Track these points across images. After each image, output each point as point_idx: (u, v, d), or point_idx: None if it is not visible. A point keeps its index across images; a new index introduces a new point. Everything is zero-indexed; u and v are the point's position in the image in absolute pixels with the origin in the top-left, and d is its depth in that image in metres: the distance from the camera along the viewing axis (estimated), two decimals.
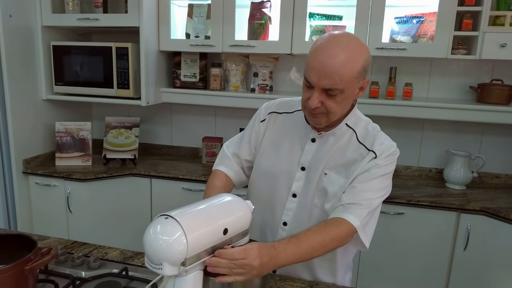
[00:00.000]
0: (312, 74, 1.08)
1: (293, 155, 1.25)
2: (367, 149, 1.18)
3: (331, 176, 1.19)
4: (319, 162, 1.21)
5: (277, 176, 1.26)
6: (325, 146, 1.22)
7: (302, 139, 1.25)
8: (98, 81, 2.52)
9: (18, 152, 2.45)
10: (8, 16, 2.31)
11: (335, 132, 1.22)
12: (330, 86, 1.06)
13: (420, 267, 2.22)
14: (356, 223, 1.11)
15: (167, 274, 0.79)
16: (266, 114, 1.35)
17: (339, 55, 1.05)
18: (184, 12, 2.60)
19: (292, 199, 1.25)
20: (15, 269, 0.96)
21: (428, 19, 2.23)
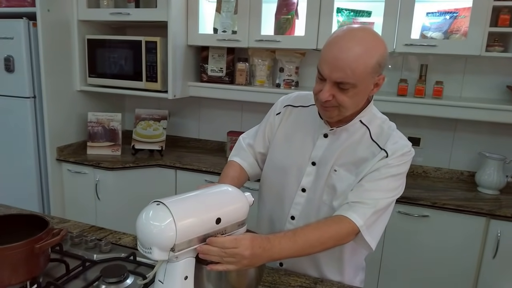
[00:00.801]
0: (324, 66, 1.07)
1: (304, 149, 1.24)
2: (380, 148, 1.15)
3: (341, 173, 1.18)
4: (329, 158, 1.20)
5: (287, 170, 1.26)
6: (337, 142, 1.20)
7: (314, 134, 1.24)
8: (128, 73, 2.61)
9: (52, 140, 2.58)
10: (47, 11, 2.43)
11: (348, 128, 1.19)
12: (342, 80, 1.05)
13: (445, 273, 2.13)
14: (359, 222, 1.08)
15: (156, 258, 0.81)
16: (282, 107, 1.35)
17: (353, 49, 1.03)
18: (213, 7, 2.63)
19: (301, 193, 1.24)
20: (26, 247, 1.01)
21: (462, 14, 2.13)
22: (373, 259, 2.21)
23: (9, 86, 2.52)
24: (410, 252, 2.16)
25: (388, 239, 2.17)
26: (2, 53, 2.48)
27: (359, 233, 1.09)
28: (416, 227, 2.12)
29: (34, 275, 1.05)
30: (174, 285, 0.85)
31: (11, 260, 0.99)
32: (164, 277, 0.86)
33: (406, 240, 2.15)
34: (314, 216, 1.22)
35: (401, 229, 2.14)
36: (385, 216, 1.17)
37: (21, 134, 2.56)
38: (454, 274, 2.12)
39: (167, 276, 0.86)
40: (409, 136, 2.48)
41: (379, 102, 2.24)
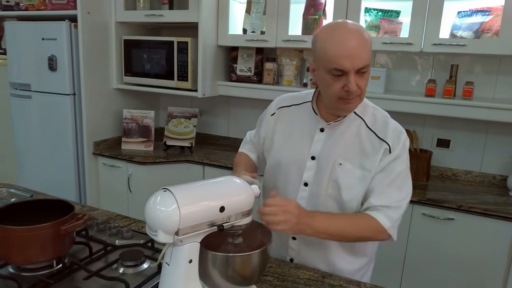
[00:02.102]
0: (343, 60, 1.09)
1: (303, 145, 1.29)
2: (379, 138, 1.21)
3: (346, 166, 1.22)
4: (330, 152, 1.24)
5: (289, 166, 1.31)
6: (334, 135, 1.25)
7: (311, 129, 1.29)
8: (161, 72, 2.72)
9: (89, 135, 2.75)
10: (87, 13, 2.59)
11: (343, 120, 1.24)
12: (363, 64, 1.11)
13: (471, 278, 2.08)
14: (386, 224, 1.17)
15: (161, 241, 0.87)
16: (276, 108, 1.40)
17: (356, 34, 1.11)
18: (243, 8, 2.69)
19: (304, 188, 1.28)
20: (53, 228, 1.11)
21: (495, 13, 2.07)
22: (396, 260, 2.19)
23: (52, 83, 2.71)
24: (434, 255, 2.12)
25: (412, 241, 2.14)
26: (46, 53, 2.66)
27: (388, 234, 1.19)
28: (441, 230, 2.08)
29: (60, 255, 1.15)
30: (179, 267, 0.91)
31: (39, 239, 1.09)
32: (170, 260, 0.92)
33: (430, 243, 2.12)
34: (318, 208, 1.26)
35: (425, 231, 2.11)
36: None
37: (61, 128, 2.74)
38: (480, 279, 2.06)
39: (173, 258, 0.92)
40: (438, 138, 2.47)
41: (406, 102, 2.25)
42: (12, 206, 1.23)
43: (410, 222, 2.13)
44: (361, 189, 1.22)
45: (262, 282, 1.17)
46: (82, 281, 1.09)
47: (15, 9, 2.90)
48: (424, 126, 2.50)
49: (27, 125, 2.90)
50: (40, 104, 2.80)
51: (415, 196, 2.09)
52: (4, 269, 1.13)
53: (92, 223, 1.44)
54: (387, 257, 2.18)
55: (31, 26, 2.72)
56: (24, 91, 2.84)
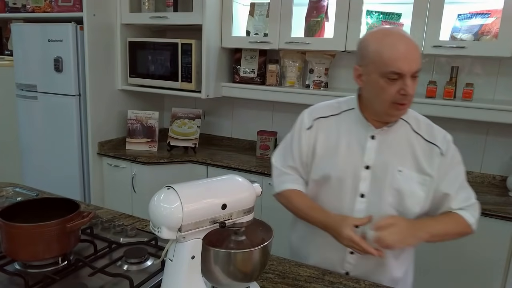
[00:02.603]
0: (401, 64, 1.10)
1: (353, 155, 1.24)
2: (427, 141, 1.22)
3: (405, 173, 1.21)
4: (386, 159, 1.22)
5: (341, 178, 1.25)
6: (386, 142, 1.23)
7: (360, 138, 1.25)
8: (165, 74, 2.76)
9: (94, 135, 2.78)
10: (93, 15, 2.63)
11: (392, 126, 1.22)
12: (418, 68, 1.13)
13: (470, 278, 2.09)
14: (472, 221, 1.23)
15: (165, 237, 0.90)
16: (311, 120, 1.33)
17: (409, 39, 1.13)
18: (246, 10, 2.73)
19: (361, 199, 1.24)
20: (59, 225, 1.14)
21: (494, 15, 2.09)
22: None
23: (58, 84, 2.75)
24: (434, 254, 2.13)
25: None
26: (52, 54, 2.70)
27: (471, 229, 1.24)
28: None
29: (65, 252, 1.18)
30: (182, 263, 0.94)
31: (46, 236, 1.12)
32: (173, 256, 0.95)
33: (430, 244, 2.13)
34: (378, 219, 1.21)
35: None
36: None
37: (66, 129, 2.78)
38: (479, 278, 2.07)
39: (176, 255, 0.94)
40: None
41: None
42: (19, 205, 1.26)
43: None
44: (423, 193, 1.22)
45: (263, 279, 1.20)
46: (87, 278, 1.11)
47: (22, 11, 2.95)
48: None
49: (33, 126, 2.94)
50: (46, 105, 2.84)
51: None
52: (11, 265, 1.16)
53: (97, 221, 1.46)
54: None
55: (37, 28, 2.77)
56: (30, 92, 2.88)
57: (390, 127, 1.22)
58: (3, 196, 1.61)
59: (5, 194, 1.63)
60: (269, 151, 2.75)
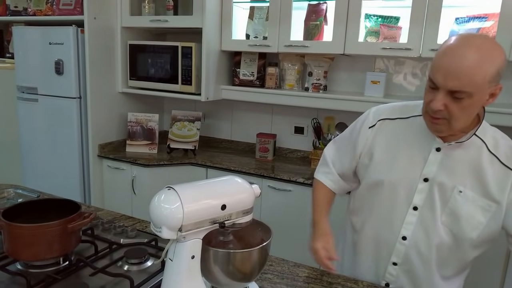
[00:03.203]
0: (438, 74, 1.02)
1: (414, 164, 1.17)
2: (504, 165, 1.10)
3: (467, 194, 1.11)
4: (447, 176, 1.14)
5: (395, 186, 1.20)
6: (453, 157, 1.14)
7: (424, 148, 1.17)
8: (165, 77, 2.77)
9: (94, 137, 2.80)
10: (93, 19, 2.65)
11: (464, 143, 1.12)
12: (458, 89, 0.99)
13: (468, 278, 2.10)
14: None
15: (165, 237, 0.91)
16: (376, 119, 1.27)
17: (470, 56, 0.98)
18: (246, 14, 2.75)
19: (413, 212, 1.18)
20: (60, 226, 1.15)
21: (491, 19, 2.11)
22: None
23: (58, 87, 2.76)
24: None
25: None
26: (53, 57, 2.72)
27: None
28: None
29: (66, 252, 1.19)
30: (182, 263, 0.95)
31: (47, 237, 1.13)
32: (173, 256, 0.96)
33: None
34: (428, 235, 1.17)
35: None
36: None
37: (67, 131, 2.79)
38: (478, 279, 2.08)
39: (176, 254, 0.95)
40: None
41: None
42: (20, 206, 1.27)
43: None
44: (484, 219, 1.11)
45: (262, 279, 1.21)
46: (88, 277, 1.12)
47: (23, 14, 2.97)
48: None
49: (34, 128, 2.96)
50: (47, 107, 2.86)
51: None
52: (13, 265, 1.17)
53: (98, 222, 1.48)
54: None
55: (38, 31, 2.78)
56: (31, 95, 2.90)
57: (458, 143, 1.12)
58: (5, 198, 1.63)
59: (7, 196, 1.64)
60: (268, 154, 2.76)
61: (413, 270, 1.22)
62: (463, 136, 1.11)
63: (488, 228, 1.12)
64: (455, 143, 1.12)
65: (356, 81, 2.62)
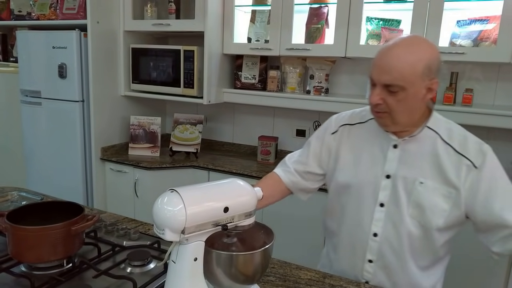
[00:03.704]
0: (373, 71, 1.12)
1: (376, 163, 1.24)
2: (457, 152, 1.15)
3: (428, 184, 1.16)
4: (407, 170, 1.19)
5: (361, 187, 1.25)
6: (409, 152, 1.20)
7: (383, 147, 1.23)
8: (168, 80, 2.79)
9: (97, 141, 2.81)
10: (96, 23, 2.67)
11: (418, 136, 1.19)
12: (390, 82, 1.09)
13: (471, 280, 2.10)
14: None
15: (168, 239, 0.92)
16: (337, 126, 1.34)
17: (399, 51, 1.09)
18: (248, 17, 2.76)
19: (380, 208, 1.23)
20: (64, 228, 1.15)
21: (493, 21, 2.11)
22: None
23: (62, 90, 2.78)
24: None
25: None
26: (57, 60, 2.74)
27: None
28: None
29: (70, 254, 1.19)
30: (185, 265, 0.96)
31: (51, 239, 1.14)
32: (176, 258, 0.97)
33: None
34: (397, 230, 1.21)
35: None
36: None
37: (70, 134, 2.81)
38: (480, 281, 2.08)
39: (179, 257, 0.96)
40: None
41: None
42: (24, 208, 1.28)
43: None
44: (448, 206, 1.16)
45: (264, 282, 1.21)
46: (92, 280, 1.13)
47: (27, 18, 3.00)
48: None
49: (37, 131, 2.97)
50: (50, 111, 2.87)
51: None
52: (17, 267, 1.18)
53: (101, 225, 1.48)
54: None
55: (42, 35, 2.81)
56: (34, 98, 2.91)
57: (412, 137, 1.19)
58: (9, 200, 1.64)
59: (11, 198, 1.65)
60: (270, 156, 2.77)
61: (388, 266, 1.25)
62: (416, 130, 1.18)
63: (452, 214, 1.17)
64: (408, 137, 1.19)
65: (358, 84, 2.62)
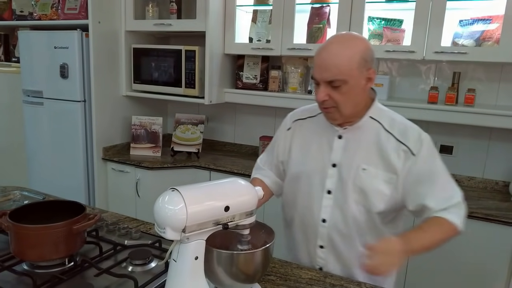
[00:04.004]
0: (315, 71, 1.19)
1: (322, 154, 1.31)
2: (398, 140, 1.23)
3: (370, 170, 1.24)
4: (351, 158, 1.26)
5: (310, 176, 1.33)
6: (354, 141, 1.27)
7: (329, 138, 1.31)
8: (169, 80, 2.79)
9: (99, 141, 2.82)
10: (98, 23, 2.68)
11: (360, 126, 1.27)
12: (332, 78, 1.16)
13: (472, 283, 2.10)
14: (457, 222, 1.20)
15: (169, 238, 0.92)
16: (291, 122, 1.43)
17: (333, 49, 1.16)
18: (249, 17, 2.76)
19: (328, 195, 1.30)
20: (66, 227, 1.16)
21: (496, 21, 2.11)
22: None
23: (63, 90, 2.79)
24: (436, 259, 2.14)
25: None
26: (58, 61, 2.75)
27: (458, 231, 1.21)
28: None
29: (71, 253, 1.20)
30: (186, 263, 0.96)
31: (53, 238, 1.14)
32: (177, 257, 0.97)
33: None
34: (344, 215, 1.28)
35: None
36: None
37: (72, 134, 2.81)
38: (482, 284, 2.08)
39: (180, 255, 0.96)
40: (441, 144, 2.50)
41: (409, 109, 2.28)
42: (26, 207, 1.29)
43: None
44: (388, 191, 1.24)
45: (265, 281, 1.22)
46: (93, 278, 1.13)
47: (29, 18, 3.00)
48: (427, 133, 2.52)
49: (39, 131, 2.98)
50: (52, 111, 2.88)
51: None
52: (19, 266, 1.18)
53: (102, 224, 1.49)
54: None
55: (44, 35, 2.81)
56: (36, 98, 2.92)
57: (353, 126, 1.27)
58: (11, 200, 1.64)
59: (13, 198, 1.66)
60: None
61: (338, 250, 1.32)
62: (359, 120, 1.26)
63: (393, 198, 1.25)
64: (349, 126, 1.27)
65: None
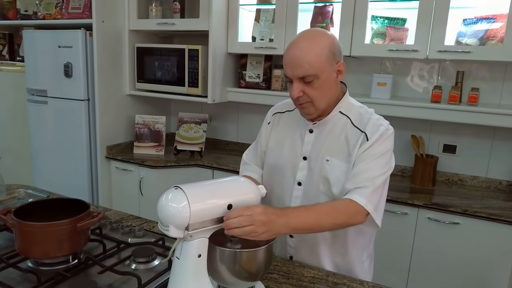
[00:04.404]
0: (287, 68, 1.21)
1: (295, 147, 1.36)
2: (360, 131, 1.26)
3: (333, 162, 1.27)
4: (318, 150, 1.30)
5: (283, 168, 1.37)
6: (322, 134, 1.31)
7: (301, 132, 1.36)
8: (172, 79, 2.80)
9: (102, 139, 2.83)
10: (101, 22, 2.69)
11: (330, 120, 1.30)
12: (303, 74, 1.17)
13: (475, 282, 2.09)
14: (362, 201, 1.17)
15: (172, 235, 0.92)
16: (271, 116, 1.47)
17: (302, 45, 1.18)
18: (252, 16, 2.76)
19: (298, 187, 1.35)
20: (70, 224, 1.17)
21: (500, 20, 2.10)
22: (401, 263, 2.21)
23: (67, 89, 2.80)
24: (440, 258, 2.14)
25: (417, 245, 2.17)
26: (62, 60, 2.76)
27: (369, 215, 1.18)
28: (446, 234, 2.10)
29: (75, 250, 1.21)
30: (189, 261, 0.96)
31: (57, 235, 1.15)
32: (180, 254, 0.97)
33: (435, 247, 2.14)
34: None
35: (430, 235, 2.13)
36: (385, 193, 1.26)
37: (75, 133, 2.82)
38: (485, 283, 2.07)
39: (183, 253, 0.97)
40: (445, 144, 2.49)
41: (412, 108, 2.28)
42: (31, 205, 1.30)
43: (416, 226, 2.16)
44: None
45: (268, 279, 1.22)
46: (97, 275, 1.14)
47: (33, 18, 3.02)
48: (430, 132, 2.53)
49: (43, 130, 2.99)
50: (56, 109, 2.89)
51: (420, 200, 2.12)
52: (24, 263, 1.19)
53: (106, 222, 1.50)
54: (393, 260, 2.21)
55: (48, 34, 2.83)
56: (40, 97, 2.94)
57: (326, 122, 1.30)
58: (16, 198, 1.65)
59: (17, 196, 1.67)
60: None
61: (307, 239, 1.35)
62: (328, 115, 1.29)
63: None
64: (318, 121, 1.30)
65: (363, 83, 2.62)
